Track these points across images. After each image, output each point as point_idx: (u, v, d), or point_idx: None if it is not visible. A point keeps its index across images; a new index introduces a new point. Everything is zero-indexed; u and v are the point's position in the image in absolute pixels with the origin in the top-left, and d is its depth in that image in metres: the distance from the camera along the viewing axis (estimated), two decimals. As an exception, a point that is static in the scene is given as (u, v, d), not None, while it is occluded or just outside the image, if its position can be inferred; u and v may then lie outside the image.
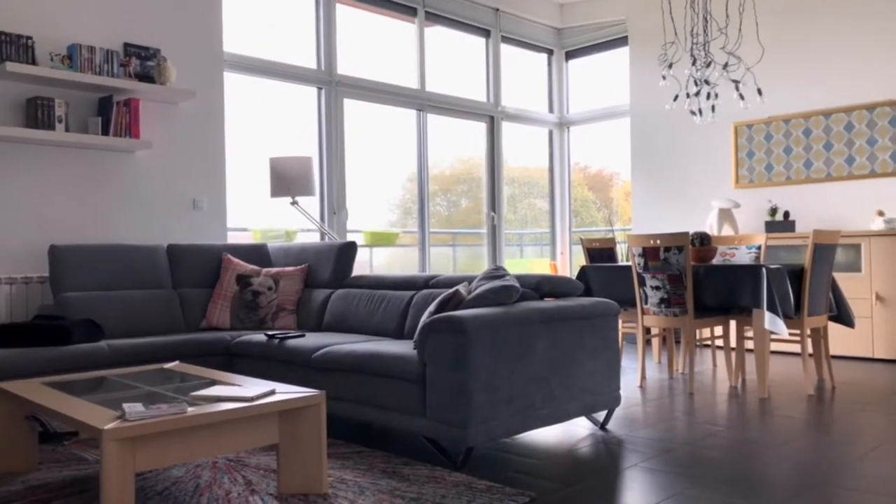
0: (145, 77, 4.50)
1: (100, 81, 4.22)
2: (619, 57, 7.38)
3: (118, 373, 3.05)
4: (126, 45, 4.50)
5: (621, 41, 7.30)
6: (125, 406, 2.20)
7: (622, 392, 4.25)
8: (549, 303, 3.19)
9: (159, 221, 4.66)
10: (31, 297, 4.07)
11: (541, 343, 3.02)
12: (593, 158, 7.88)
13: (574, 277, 5.16)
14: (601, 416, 3.54)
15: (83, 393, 2.61)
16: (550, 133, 7.88)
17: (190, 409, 2.25)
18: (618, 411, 3.78)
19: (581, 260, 6.86)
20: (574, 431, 3.39)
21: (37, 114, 4.05)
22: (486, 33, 7.12)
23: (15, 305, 4.01)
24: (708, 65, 4.96)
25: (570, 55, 7.83)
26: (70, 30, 4.30)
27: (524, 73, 7.63)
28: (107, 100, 4.33)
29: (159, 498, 2.50)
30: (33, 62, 4.05)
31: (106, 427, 2.05)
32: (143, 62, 4.53)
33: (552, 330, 3.08)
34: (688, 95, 5.14)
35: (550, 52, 7.82)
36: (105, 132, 4.30)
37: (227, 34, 5.10)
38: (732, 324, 5.55)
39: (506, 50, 7.30)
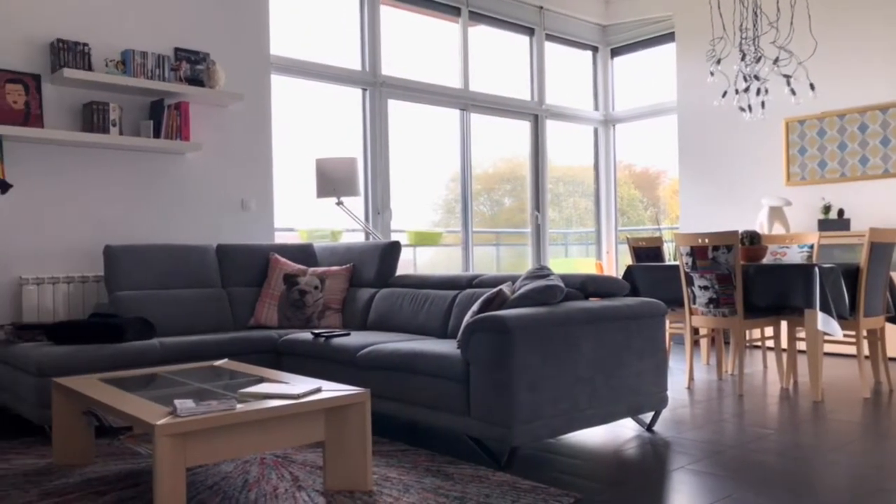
0: (195, 81, 4.61)
1: (152, 86, 4.33)
2: (665, 53, 7.27)
3: (169, 370, 3.13)
4: (177, 49, 4.61)
5: (668, 37, 7.18)
6: (176, 402, 2.26)
7: (669, 393, 4.18)
8: (594, 303, 3.16)
9: (209, 222, 4.76)
10: (87, 296, 4.20)
11: (586, 343, 3.00)
12: (639, 156, 7.78)
13: (620, 277, 5.10)
14: (647, 417, 3.49)
15: (136, 389, 2.68)
16: (595, 131, 7.80)
17: (239, 406, 2.30)
18: (665, 413, 3.72)
19: (627, 259, 6.78)
20: (620, 433, 3.36)
21: (92, 118, 4.18)
22: (530, 31, 7.08)
23: (72, 304, 4.14)
24: (758, 60, 4.85)
25: (615, 52, 7.74)
26: (124, 36, 4.43)
27: (568, 70, 7.57)
28: (158, 103, 4.44)
29: (209, 492, 2.56)
30: (89, 68, 4.18)
31: (158, 423, 2.11)
32: (193, 66, 4.63)
33: (597, 330, 3.05)
34: (737, 91, 5.03)
35: (595, 50, 7.75)
36: (157, 135, 4.42)
37: (273, 37, 5.18)
38: (784, 324, 5.42)
39: (550, 48, 7.25)
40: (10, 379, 3.51)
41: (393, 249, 4.48)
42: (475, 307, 3.17)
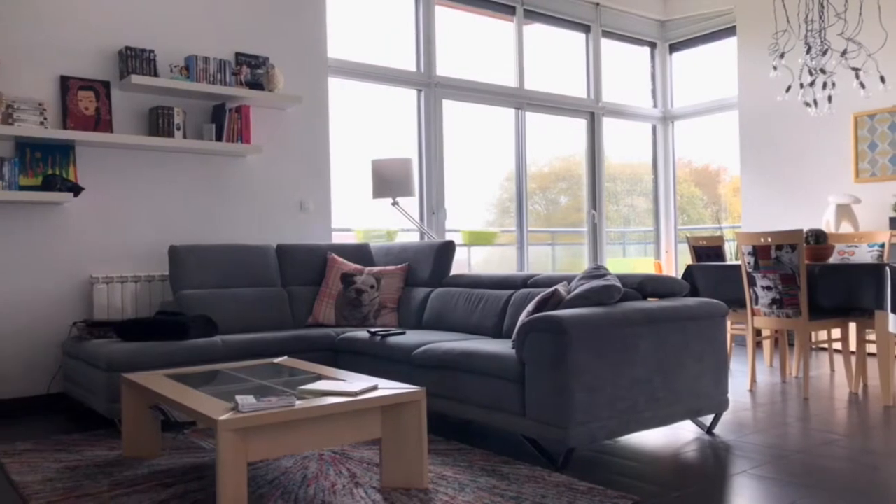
0: (255, 84, 4.72)
1: (214, 90, 4.46)
2: (726, 48, 7.09)
3: (231, 366, 3.21)
4: (237, 54, 4.73)
5: (728, 31, 7.01)
6: (238, 398, 2.32)
7: (730, 396, 4.08)
8: (652, 303, 3.11)
9: (269, 222, 4.87)
10: (153, 295, 4.35)
11: (644, 344, 2.95)
12: (699, 153, 7.61)
13: (679, 277, 5.00)
14: (708, 420, 3.42)
15: (200, 385, 2.76)
16: (654, 128, 7.67)
17: (298, 403, 2.35)
18: (726, 416, 3.63)
19: (687, 259, 6.64)
20: (679, 435, 3.29)
21: (158, 122, 4.32)
22: (586, 29, 7.01)
23: (140, 302, 4.29)
24: (824, 53, 4.69)
25: (674, 48, 7.59)
26: (187, 42, 4.56)
27: (625, 67, 7.46)
28: (220, 107, 4.56)
29: (269, 487, 2.62)
30: (155, 74, 4.32)
31: (221, 418, 2.17)
32: (253, 70, 4.74)
33: (656, 331, 3.00)
34: (801, 86, 4.87)
35: (653, 45, 7.61)
36: (219, 138, 4.54)
37: (330, 40, 5.26)
38: (852, 326, 5.22)
39: (606, 45, 7.16)
40: (82, 374, 3.66)
41: (447, 249, 4.50)
42: (530, 307, 3.16)
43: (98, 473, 2.80)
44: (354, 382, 2.65)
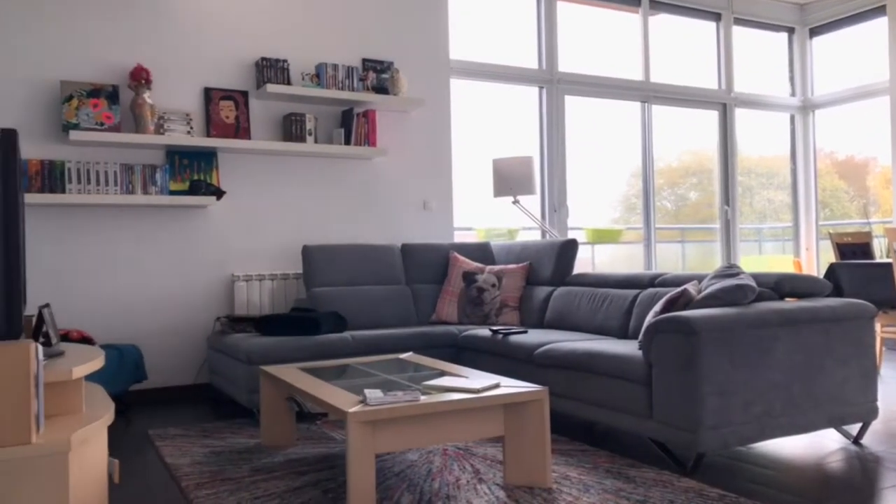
0: (381, 89, 4.87)
1: (342, 96, 4.64)
2: (874, 29, 6.56)
3: (359, 361, 3.33)
4: (364, 60, 4.89)
5: (877, 11, 6.47)
6: (366, 392, 2.41)
7: (880, 404, 3.78)
8: (790, 303, 2.94)
9: (394, 222, 5.01)
10: (288, 292, 4.59)
11: (781, 347, 2.80)
12: (843, 143, 7.08)
13: (821, 276, 4.69)
14: (854, 429, 3.18)
15: (331, 378, 2.89)
16: (792, 118, 7.22)
17: (422, 398, 2.40)
18: (875, 425, 3.37)
19: (830, 256, 6.21)
20: (821, 444, 3.09)
21: (291, 128, 4.55)
22: (716, 17, 6.70)
23: (276, 299, 4.55)
24: None
25: (814, 32, 7.10)
26: (317, 51, 4.78)
27: (760, 55, 7.07)
28: (348, 112, 4.74)
29: (396, 479, 2.70)
30: (288, 82, 4.56)
31: (351, 410, 2.26)
32: (379, 75, 4.89)
33: (794, 333, 2.83)
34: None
35: (791, 31, 7.16)
36: (347, 142, 4.72)
37: (451, 41, 5.33)
38: None
39: (738, 32, 6.82)
40: (225, 366, 3.93)
41: (570, 247, 4.44)
42: (657, 307, 3.07)
43: (239, 459, 3.00)
44: (477, 380, 2.68)
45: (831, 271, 4.45)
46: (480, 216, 5.63)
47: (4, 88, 3.95)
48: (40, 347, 1.81)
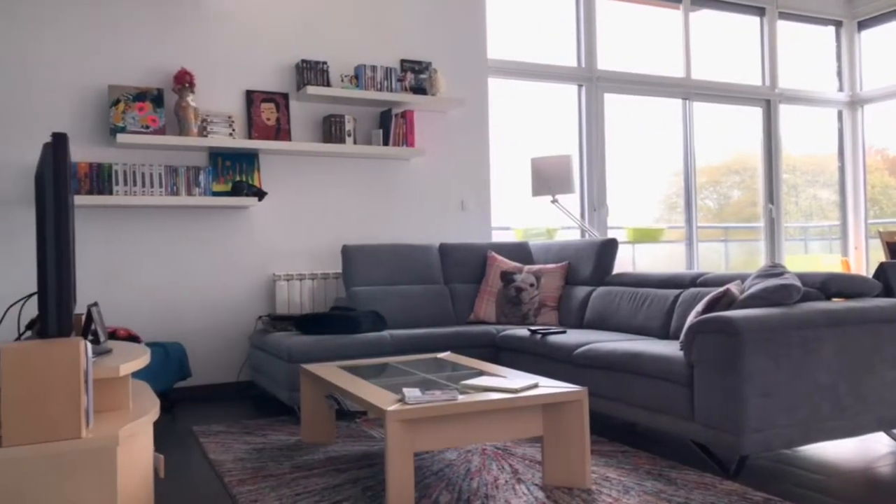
0: (419, 89, 4.88)
1: (381, 97, 4.67)
2: (927, 20, 6.35)
3: (398, 360, 3.35)
4: (402, 61, 4.92)
5: (930, 1, 6.27)
6: (405, 390, 2.42)
7: (933, 408, 3.66)
8: (837, 304, 2.86)
9: (431, 222, 5.03)
10: (328, 291, 4.64)
11: (827, 348, 2.73)
12: (894, 139, 6.88)
13: (870, 275, 4.56)
14: (905, 433, 3.09)
15: (370, 377, 2.91)
16: (839, 114, 7.04)
17: (460, 397, 2.41)
18: (927, 430, 3.27)
19: (879, 255, 6.03)
20: (871, 448, 3.01)
21: (331, 129, 4.60)
22: (760, 11, 6.57)
23: (316, 298, 4.60)
24: None
25: (862, 25, 6.92)
26: (356, 52, 4.82)
27: (805, 50, 6.90)
28: (386, 113, 4.77)
29: (435, 477, 2.71)
30: (327, 84, 4.61)
31: (389, 409, 2.28)
32: (417, 76, 4.91)
33: (842, 334, 2.76)
34: None
35: (839, 24, 6.98)
36: (385, 143, 4.75)
37: (490, 41, 5.32)
38: None
39: (783, 26, 6.67)
40: (266, 364, 3.99)
41: (610, 247, 4.40)
42: (699, 307, 3.02)
43: (280, 456, 3.04)
44: (515, 379, 2.67)
45: (881, 271, 4.32)
46: (518, 216, 5.61)
47: (56, 94, 4.07)
48: (89, 345, 1.87)
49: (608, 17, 5.92)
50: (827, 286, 3.07)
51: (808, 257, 6.94)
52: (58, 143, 1.97)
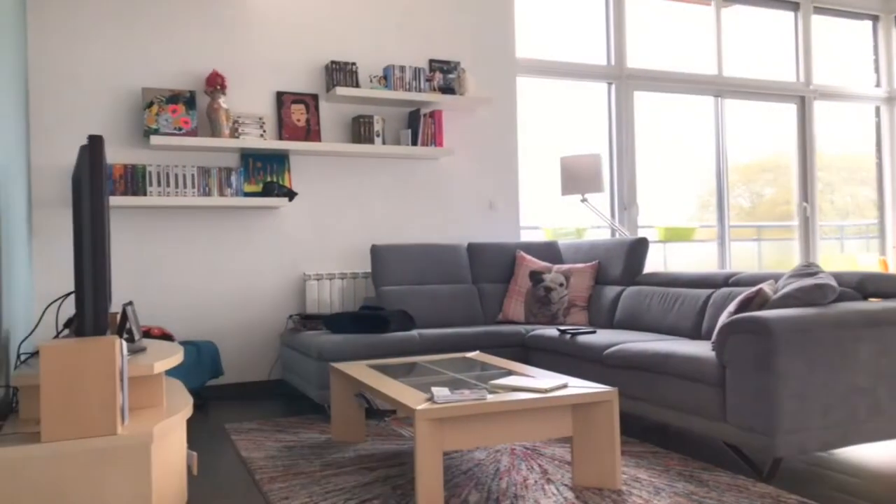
0: (447, 89, 4.89)
1: (409, 97, 4.68)
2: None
3: (427, 359, 3.36)
4: (431, 61, 4.93)
5: (972, -7, 6.11)
6: (434, 390, 2.42)
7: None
8: (874, 304, 2.80)
9: (460, 222, 5.03)
10: (357, 290, 4.66)
11: (864, 349, 2.68)
12: (934, 135, 6.71)
13: (908, 275, 4.45)
14: (946, 437, 3.01)
15: (399, 376, 2.92)
16: (877, 110, 6.89)
17: (489, 397, 2.41)
18: (969, 433, 3.18)
19: (918, 255, 5.89)
20: (909, 452, 2.94)
21: (360, 130, 4.63)
22: (794, 6, 6.46)
23: (345, 297, 4.63)
24: None
25: (901, 18, 6.75)
26: (385, 53, 4.84)
27: (841, 45, 6.77)
28: (415, 113, 4.78)
29: (464, 477, 2.71)
30: (356, 85, 4.63)
31: (419, 408, 2.28)
32: (445, 75, 4.91)
33: (880, 335, 2.71)
34: None
35: (876, 19, 6.84)
36: (414, 143, 4.76)
37: (518, 39, 5.31)
38: None
39: (818, 21, 6.55)
40: (297, 362, 4.02)
41: (640, 246, 4.36)
42: (732, 307, 2.98)
43: (311, 454, 3.07)
44: (544, 379, 2.66)
45: (920, 270, 4.22)
46: (547, 215, 5.58)
47: (92, 97, 4.16)
48: (125, 343, 1.90)
49: (638, 14, 5.86)
50: (863, 286, 3.00)
51: (843, 256, 6.81)
52: (94, 145, 2.01)
